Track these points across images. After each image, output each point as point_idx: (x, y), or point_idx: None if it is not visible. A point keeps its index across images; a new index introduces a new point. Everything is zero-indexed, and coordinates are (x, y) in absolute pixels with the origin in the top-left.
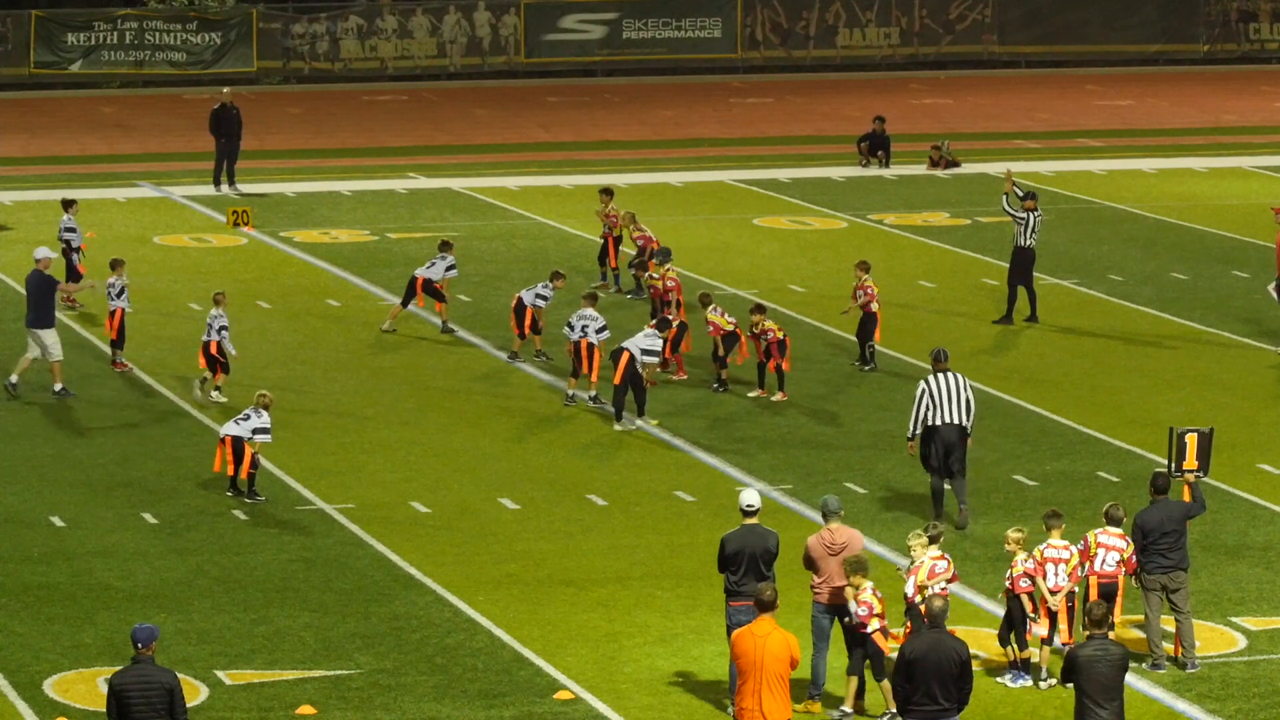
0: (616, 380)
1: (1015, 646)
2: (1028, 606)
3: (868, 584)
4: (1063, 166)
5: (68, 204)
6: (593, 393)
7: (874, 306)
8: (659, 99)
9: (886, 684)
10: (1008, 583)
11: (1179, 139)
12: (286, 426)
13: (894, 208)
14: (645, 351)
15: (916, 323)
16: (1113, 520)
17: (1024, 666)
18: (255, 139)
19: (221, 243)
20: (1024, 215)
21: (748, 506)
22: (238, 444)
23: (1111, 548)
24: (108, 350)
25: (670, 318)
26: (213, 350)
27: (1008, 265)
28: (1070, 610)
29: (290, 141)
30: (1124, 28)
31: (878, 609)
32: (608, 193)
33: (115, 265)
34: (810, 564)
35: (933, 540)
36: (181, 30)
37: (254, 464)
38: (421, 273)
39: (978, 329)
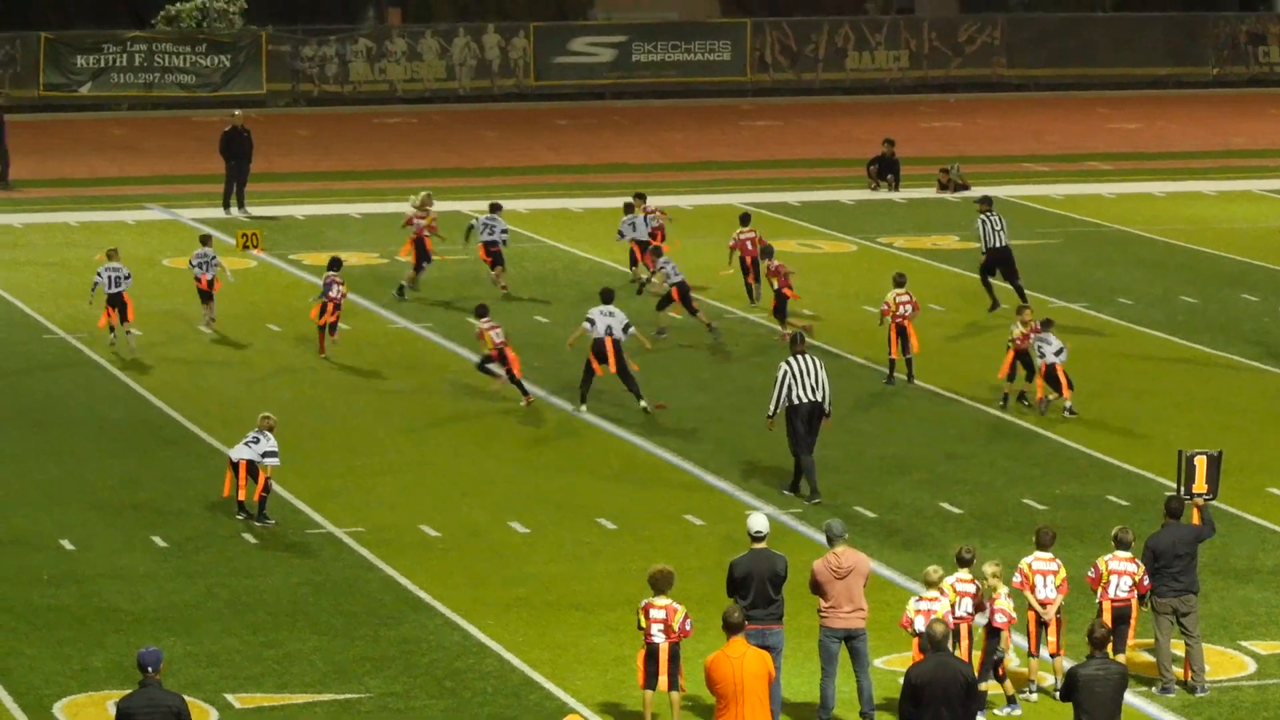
0: None
1: (1001, 679)
2: (1005, 641)
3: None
4: (1072, 189)
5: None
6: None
7: (905, 319)
8: (668, 122)
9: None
10: (985, 617)
11: (1188, 162)
12: (296, 449)
13: (903, 231)
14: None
15: (926, 346)
16: (1121, 544)
17: (1012, 699)
18: (264, 161)
19: (230, 265)
20: (980, 219)
21: (756, 533)
22: (252, 467)
23: (1123, 573)
24: (119, 373)
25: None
26: (126, 299)
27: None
28: (1059, 622)
29: (299, 164)
30: (1133, 50)
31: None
32: (767, 254)
33: (206, 240)
34: (817, 588)
35: (963, 564)
36: (190, 53)
37: (266, 488)
38: (484, 238)
39: (987, 352)
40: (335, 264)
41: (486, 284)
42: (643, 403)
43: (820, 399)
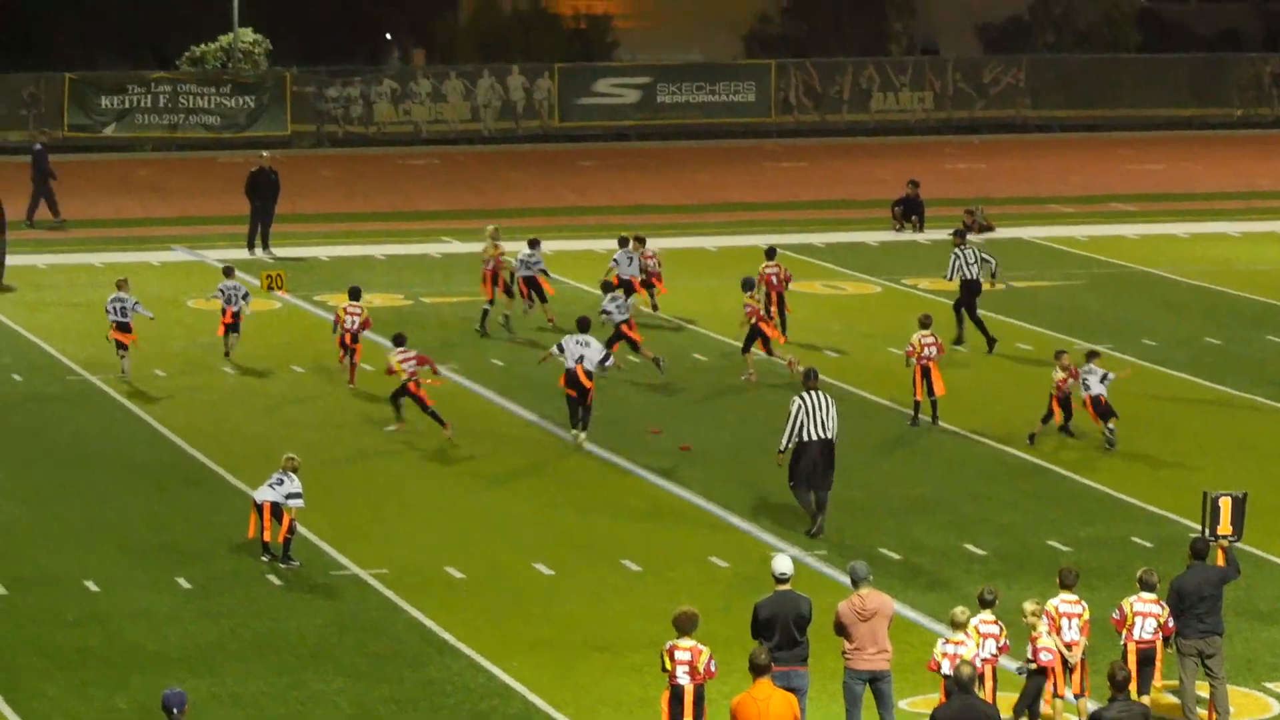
0: None
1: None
2: (1048, 679)
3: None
4: (1096, 230)
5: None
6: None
7: (930, 360)
8: (693, 162)
9: None
10: (1030, 655)
11: (1213, 203)
12: (320, 490)
13: (928, 272)
14: None
15: (951, 386)
16: (1147, 586)
17: None
18: (289, 202)
19: (255, 306)
20: (954, 252)
21: (781, 574)
22: (276, 509)
23: (1148, 614)
24: (144, 414)
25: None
26: (131, 328)
27: (962, 298)
28: (1083, 663)
29: (324, 205)
30: (1157, 91)
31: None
32: (748, 287)
33: (229, 273)
34: (841, 630)
35: (985, 605)
36: (215, 94)
37: (291, 529)
38: (522, 273)
39: (1011, 394)
40: (355, 293)
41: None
42: (583, 434)
43: (830, 437)
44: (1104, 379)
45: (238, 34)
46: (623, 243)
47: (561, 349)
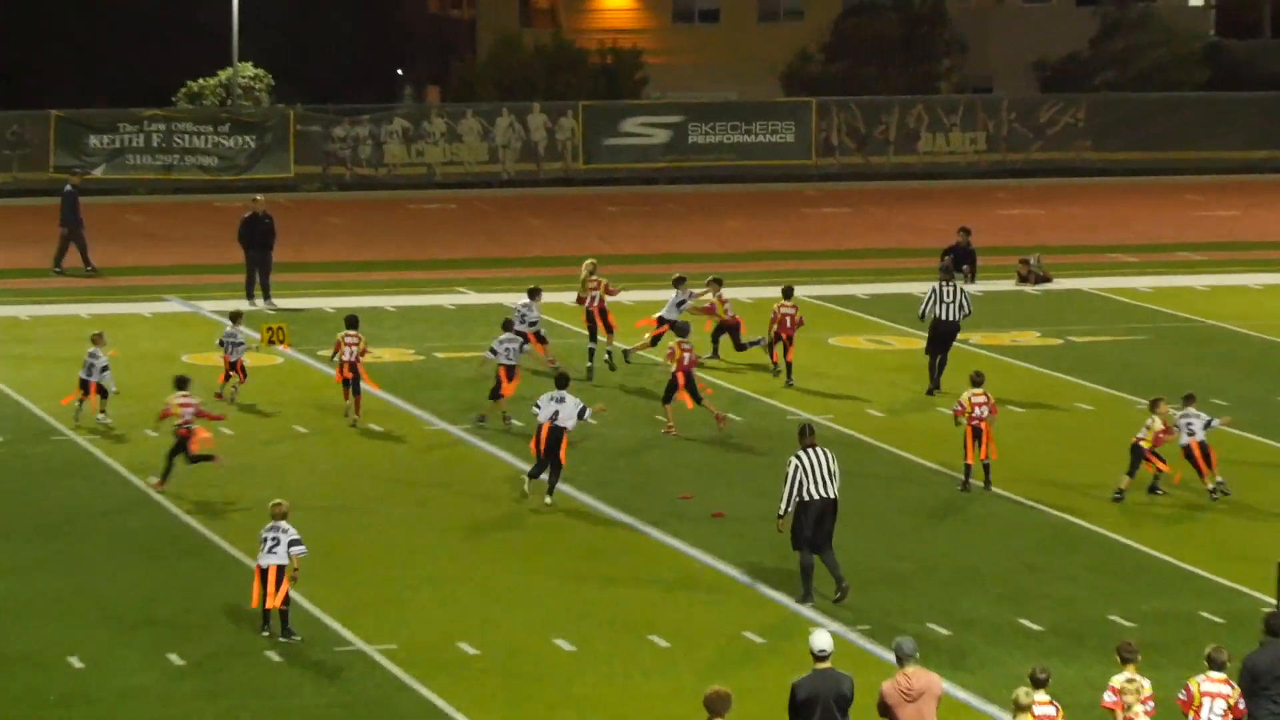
0: None
1: None
2: None
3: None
4: (1161, 282)
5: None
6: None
7: (981, 420)
8: (726, 209)
9: None
10: None
11: None
12: (326, 558)
13: (980, 326)
14: None
15: (1004, 450)
16: (1216, 664)
17: None
18: (292, 250)
19: (255, 361)
20: (931, 287)
21: (820, 651)
22: (279, 573)
23: (1217, 695)
24: (135, 479)
25: None
26: (91, 388)
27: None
28: None
29: (330, 253)
30: (1226, 133)
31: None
32: (682, 332)
33: (236, 318)
34: (886, 711)
35: (1039, 685)
36: (213, 133)
37: (286, 599)
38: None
39: (1069, 457)
40: (351, 322)
41: (534, 383)
42: (549, 498)
43: (833, 495)
44: (1208, 424)
45: (238, 68)
46: (677, 283)
47: (539, 408)
